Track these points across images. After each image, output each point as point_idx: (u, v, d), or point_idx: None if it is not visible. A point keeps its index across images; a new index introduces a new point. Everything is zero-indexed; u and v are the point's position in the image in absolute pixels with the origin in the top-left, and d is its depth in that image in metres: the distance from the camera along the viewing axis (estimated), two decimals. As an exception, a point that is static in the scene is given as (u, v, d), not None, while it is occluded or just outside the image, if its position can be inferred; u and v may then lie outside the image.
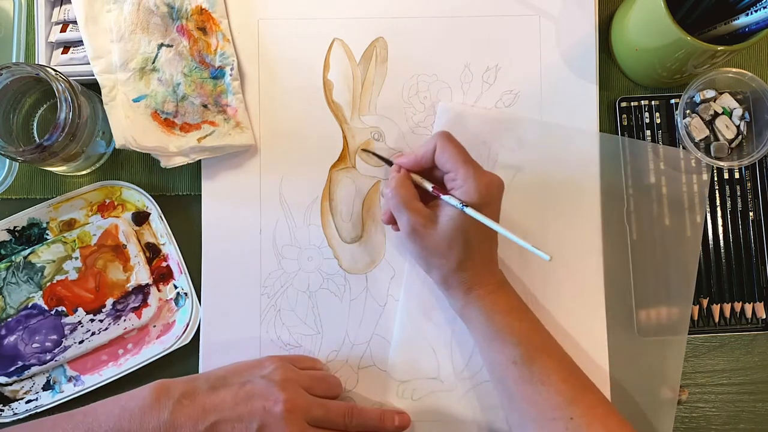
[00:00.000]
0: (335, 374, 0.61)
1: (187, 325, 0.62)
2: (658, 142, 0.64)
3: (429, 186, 0.56)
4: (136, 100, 0.60)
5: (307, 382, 0.56)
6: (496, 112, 0.63)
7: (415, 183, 0.57)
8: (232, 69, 0.62)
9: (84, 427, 0.50)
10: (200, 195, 0.63)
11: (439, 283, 0.57)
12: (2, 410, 0.61)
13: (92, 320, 0.62)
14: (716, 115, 0.63)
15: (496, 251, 0.58)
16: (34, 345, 0.61)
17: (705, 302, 0.64)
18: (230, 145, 0.61)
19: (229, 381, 0.54)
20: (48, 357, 0.61)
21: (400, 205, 0.55)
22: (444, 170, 0.56)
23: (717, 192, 0.64)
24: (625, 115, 0.64)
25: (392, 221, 0.58)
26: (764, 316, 0.64)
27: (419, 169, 0.57)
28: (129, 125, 0.59)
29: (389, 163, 0.61)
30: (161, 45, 0.61)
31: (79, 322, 0.62)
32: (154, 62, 0.61)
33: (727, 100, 0.63)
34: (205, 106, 0.62)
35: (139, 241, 0.63)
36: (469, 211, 0.53)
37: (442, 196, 0.55)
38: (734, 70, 0.61)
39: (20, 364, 0.61)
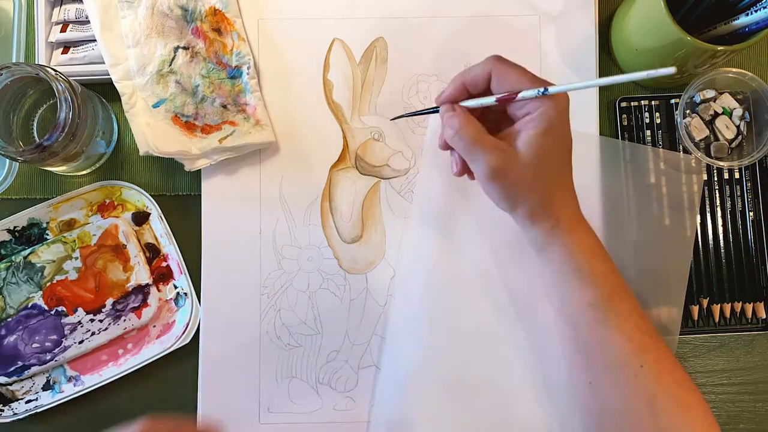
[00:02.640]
0: (336, 374, 0.61)
1: (187, 325, 0.62)
2: (658, 142, 0.64)
3: (493, 97, 0.50)
4: (155, 106, 0.61)
5: None
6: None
7: (472, 111, 0.51)
8: (249, 68, 0.62)
9: None
10: (200, 195, 0.63)
11: (524, 219, 0.52)
12: (2, 410, 0.61)
13: (92, 320, 0.62)
14: (716, 115, 0.63)
15: (572, 173, 0.53)
16: (34, 345, 0.61)
17: (705, 302, 0.64)
18: (251, 144, 0.62)
19: None
20: (48, 357, 0.61)
21: (471, 145, 0.49)
22: (511, 91, 0.50)
23: (717, 192, 0.64)
24: (625, 115, 0.64)
25: (464, 170, 0.54)
26: (764, 316, 0.64)
27: (465, 98, 0.52)
28: (150, 132, 0.60)
29: (429, 111, 0.55)
30: (177, 48, 0.61)
31: (79, 322, 0.62)
32: (170, 65, 0.61)
33: (727, 100, 0.63)
34: (224, 106, 0.62)
35: (139, 241, 0.63)
36: (559, 88, 0.48)
37: (523, 94, 0.49)
38: (734, 70, 0.61)
39: (20, 364, 0.61)
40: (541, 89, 0.48)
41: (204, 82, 0.62)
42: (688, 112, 0.63)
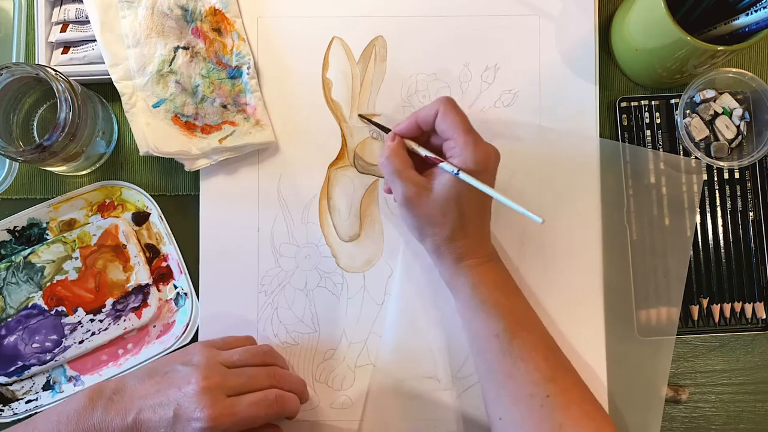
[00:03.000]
0: (333, 372, 0.62)
1: (187, 325, 0.62)
2: (658, 142, 0.64)
3: (423, 152, 0.56)
4: (155, 106, 0.61)
5: (233, 359, 0.55)
6: (495, 114, 0.63)
7: (410, 150, 0.57)
8: (248, 68, 0.62)
9: None
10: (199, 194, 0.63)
11: (431, 252, 0.57)
12: (2, 410, 0.61)
13: (92, 320, 0.62)
14: (716, 115, 0.63)
15: (488, 224, 0.58)
16: (34, 345, 0.61)
17: (705, 302, 0.64)
18: (251, 144, 0.62)
19: (155, 372, 0.53)
20: (48, 357, 0.61)
21: (393, 173, 0.55)
22: (444, 137, 0.56)
23: (717, 192, 0.64)
24: (625, 115, 0.64)
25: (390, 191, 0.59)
26: (764, 316, 0.64)
27: (417, 135, 0.57)
28: (150, 132, 0.60)
29: (386, 130, 0.60)
30: (177, 48, 0.61)
31: (79, 322, 0.62)
32: (171, 65, 0.61)
33: (727, 100, 0.63)
34: (224, 106, 0.62)
35: (139, 241, 0.63)
36: (464, 176, 0.53)
37: (439, 164, 0.55)
38: (734, 70, 0.61)
39: (20, 364, 0.61)
40: (455, 170, 0.53)
41: (204, 82, 0.62)
42: (688, 112, 0.63)
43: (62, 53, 0.63)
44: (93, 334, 0.62)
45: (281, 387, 0.55)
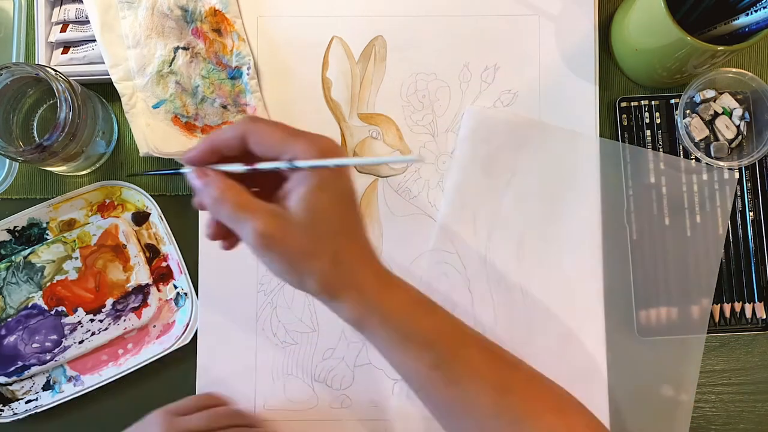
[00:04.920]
0: (333, 372, 0.62)
1: (187, 325, 0.62)
2: (658, 142, 0.64)
3: (241, 167, 0.44)
4: (155, 107, 0.61)
5: (191, 424, 0.54)
6: (526, 117, 0.63)
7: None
8: (248, 68, 0.62)
9: None
10: (199, 194, 0.63)
11: (318, 292, 0.44)
12: (2, 410, 0.61)
13: (92, 320, 0.62)
14: (716, 115, 0.63)
15: (364, 227, 0.46)
16: (34, 345, 0.61)
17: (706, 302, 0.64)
18: None
19: None
20: (48, 357, 0.61)
21: (235, 211, 0.43)
22: (270, 155, 0.43)
23: (717, 192, 0.64)
24: (625, 115, 0.64)
25: (219, 236, 0.47)
26: (764, 316, 0.64)
27: (216, 161, 0.45)
28: (150, 133, 0.60)
29: (174, 172, 0.49)
30: (177, 48, 0.61)
31: (79, 322, 0.62)
32: (171, 66, 0.61)
33: (727, 100, 0.63)
34: (224, 107, 0.62)
35: (139, 241, 0.63)
36: (303, 163, 0.42)
37: (264, 165, 0.43)
38: (734, 70, 0.61)
39: (20, 364, 0.61)
40: (291, 163, 0.42)
41: (204, 83, 0.62)
42: (688, 112, 0.63)
43: (62, 53, 0.63)
44: (93, 334, 0.62)
45: None
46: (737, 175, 0.64)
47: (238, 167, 0.44)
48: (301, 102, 0.64)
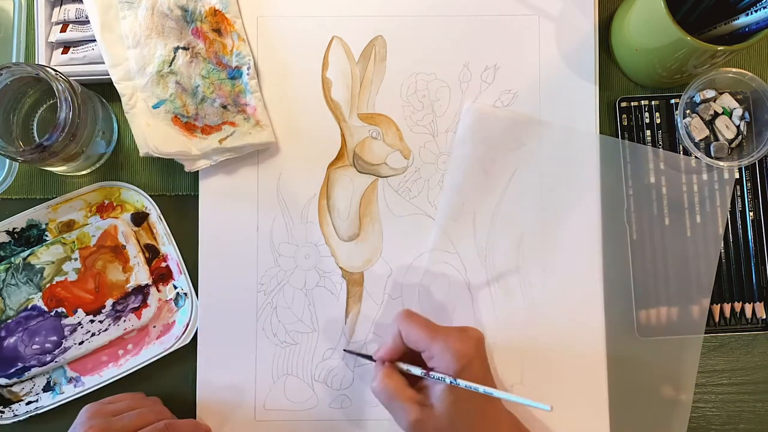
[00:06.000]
0: (332, 372, 0.62)
1: (187, 326, 0.62)
2: (658, 142, 0.64)
3: (418, 371, 0.53)
4: (155, 107, 0.61)
5: (120, 407, 0.55)
6: (524, 114, 0.63)
7: (402, 371, 0.55)
8: (248, 68, 0.62)
9: None
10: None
11: None
12: (3, 412, 0.61)
13: (92, 321, 0.62)
14: (716, 115, 0.63)
15: (504, 411, 0.55)
16: (34, 346, 0.61)
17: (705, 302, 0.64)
18: (251, 144, 0.62)
19: None
20: (48, 358, 0.61)
21: (391, 398, 0.52)
22: (418, 350, 0.54)
23: (717, 192, 0.64)
24: (625, 115, 0.64)
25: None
26: (764, 316, 0.64)
27: (399, 356, 0.55)
28: (151, 133, 0.60)
29: (370, 358, 0.59)
30: (177, 48, 0.61)
31: (79, 323, 0.62)
32: (171, 66, 0.61)
33: (727, 100, 0.63)
34: (224, 107, 0.62)
35: (139, 242, 0.63)
36: (461, 382, 0.50)
37: (431, 375, 0.52)
38: (734, 70, 0.61)
39: (20, 365, 0.61)
40: (450, 379, 0.50)
41: (204, 83, 0.62)
42: (688, 112, 0.63)
43: (62, 53, 0.63)
44: (93, 335, 0.62)
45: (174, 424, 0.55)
46: (737, 175, 0.64)
47: (416, 370, 0.53)
48: (300, 102, 0.63)
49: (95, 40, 0.61)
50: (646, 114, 0.64)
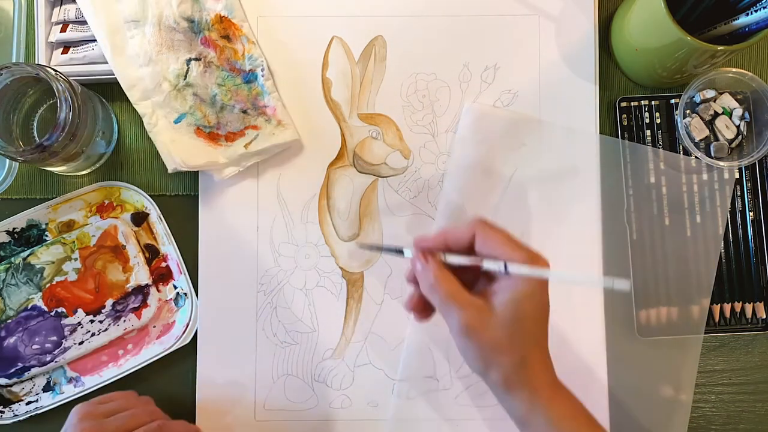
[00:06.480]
0: (332, 372, 0.62)
1: (187, 326, 0.62)
2: (658, 142, 0.64)
3: (463, 260, 0.50)
4: (176, 121, 0.61)
5: (111, 407, 0.55)
6: (524, 114, 0.63)
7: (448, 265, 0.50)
8: (263, 70, 0.62)
9: None
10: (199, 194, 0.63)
11: (498, 385, 0.49)
12: (3, 412, 0.61)
13: (92, 321, 0.62)
14: (716, 115, 0.63)
15: (548, 338, 0.52)
16: (34, 346, 0.61)
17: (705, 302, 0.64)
18: (276, 145, 0.62)
19: None
20: (48, 358, 0.61)
21: (447, 300, 0.48)
22: (494, 257, 0.49)
23: (717, 192, 0.64)
24: (625, 115, 0.64)
25: (418, 309, 0.52)
26: (764, 316, 0.64)
27: (445, 251, 0.51)
28: (176, 148, 0.60)
29: (399, 251, 0.53)
30: (190, 60, 0.61)
31: (79, 323, 0.62)
32: (186, 78, 0.61)
33: (727, 100, 0.63)
34: (244, 111, 0.62)
35: (139, 242, 0.63)
36: (514, 268, 0.47)
37: (489, 264, 0.49)
38: (734, 70, 0.61)
39: (20, 365, 0.61)
40: (503, 267, 0.48)
41: (221, 91, 0.61)
42: (688, 112, 0.63)
43: (62, 53, 0.63)
44: (93, 335, 0.62)
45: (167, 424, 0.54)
46: (737, 175, 0.64)
47: (464, 260, 0.49)
48: (301, 102, 0.64)
49: (95, 40, 0.61)
50: (646, 114, 0.64)
